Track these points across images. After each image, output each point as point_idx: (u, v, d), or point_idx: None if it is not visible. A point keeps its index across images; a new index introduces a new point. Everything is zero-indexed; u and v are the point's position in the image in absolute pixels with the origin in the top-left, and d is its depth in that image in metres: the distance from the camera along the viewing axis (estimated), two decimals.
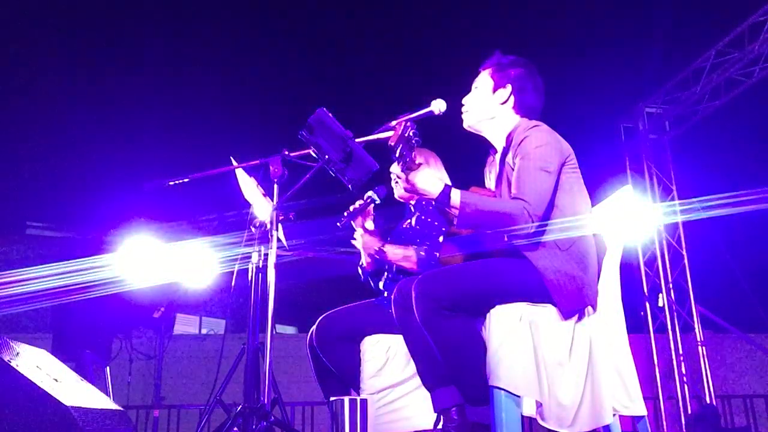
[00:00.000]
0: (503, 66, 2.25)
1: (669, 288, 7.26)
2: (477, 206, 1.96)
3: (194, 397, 6.55)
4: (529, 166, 2.00)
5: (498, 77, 2.24)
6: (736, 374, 7.54)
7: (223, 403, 2.72)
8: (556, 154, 2.05)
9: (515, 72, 2.23)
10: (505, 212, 1.95)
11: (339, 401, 1.98)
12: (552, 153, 2.04)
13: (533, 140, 2.05)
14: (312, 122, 2.19)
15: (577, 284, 1.99)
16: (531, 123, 2.13)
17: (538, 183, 1.99)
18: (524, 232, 1.96)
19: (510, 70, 2.23)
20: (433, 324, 1.94)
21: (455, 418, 2.06)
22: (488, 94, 2.24)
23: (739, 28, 6.25)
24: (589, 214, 2.13)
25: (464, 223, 1.99)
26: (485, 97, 2.25)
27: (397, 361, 2.54)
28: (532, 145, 2.03)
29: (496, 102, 2.23)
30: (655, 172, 7.58)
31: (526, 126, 2.12)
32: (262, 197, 2.48)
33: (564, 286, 1.97)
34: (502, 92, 2.22)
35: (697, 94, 6.90)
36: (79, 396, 2.01)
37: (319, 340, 2.66)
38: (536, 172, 1.99)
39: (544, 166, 2.00)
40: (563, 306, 1.97)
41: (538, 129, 2.08)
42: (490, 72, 2.26)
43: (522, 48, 2.33)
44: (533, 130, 2.08)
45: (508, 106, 2.22)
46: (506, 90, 2.22)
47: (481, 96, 2.26)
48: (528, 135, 2.06)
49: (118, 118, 7.55)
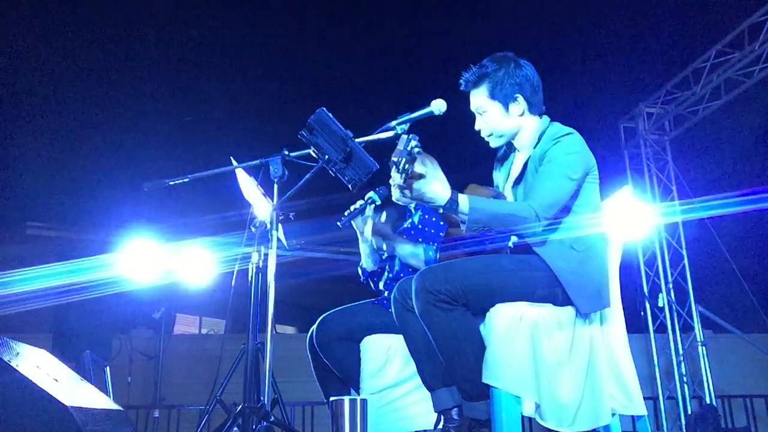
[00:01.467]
0: (496, 81, 2.17)
1: (669, 288, 7.26)
2: (486, 211, 1.96)
3: (194, 397, 6.54)
4: (554, 170, 2.03)
5: (502, 96, 2.17)
6: (736, 374, 7.54)
7: (223, 403, 2.71)
8: (584, 164, 2.09)
9: (510, 79, 2.17)
10: (513, 214, 1.96)
11: (339, 401, 1.98)
12: (579, 162, 2.07)
13: (564, 146, 2.06)
14: (312, 122, 2.19)
15: (595, 286, 2.02)
16: (565, 129, 2.13)
17: (557, 187, 2.01)
18: (531, 233, 1.97)
19: (505, 81, 2.17)
20: (432, 317, 1.95)
21: (455, 418, 2.06)
22: (503, 116, 2.19)
23: (739, 28, 6.25)
24: (600, 218, 2.15)
25: (472, 228, 1.97)
26: (502, 119, 2.20)
27: (397, 361, 2.54)
28: (563, 151, 2.05)
29: (515, 117, 2.20)
30: (655, 172, 7.58)
31: (559, 131, 2.12)
32: (262, 197, 2.48)
33: (583, 287, 1.99)
34: (514, 106, 2.18)
35: (697, 94, 6.91)
36: (79, 396, 2.02)
37: (319, 340, 2.66)
38: (560, 177, 2.02)
39: (569, 174, 2.03)
40: (583, 307, 1.98)
41: (571, 137, 2.10)
42: (488, 93, 2.19)
43: (522, 48, 2.32)
44: (567, 137, 2.09)
45: (525, 112, 2.20)
46: (518, 103, 2.18)
47: (497, 120, 2.20)
48: (560, 141, 2.08)
49: (119, 118, 7.55)
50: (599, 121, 7.87)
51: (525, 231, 1.97)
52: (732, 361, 7.60)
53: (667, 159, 7.56)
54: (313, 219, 4.78)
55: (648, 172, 7.58)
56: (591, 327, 2.04)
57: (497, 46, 2.30)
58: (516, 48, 2.29)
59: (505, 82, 2.17)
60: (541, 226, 1.96)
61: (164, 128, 7.64)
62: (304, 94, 7.66)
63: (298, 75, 7.93)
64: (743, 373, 7.57)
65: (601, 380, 1.97)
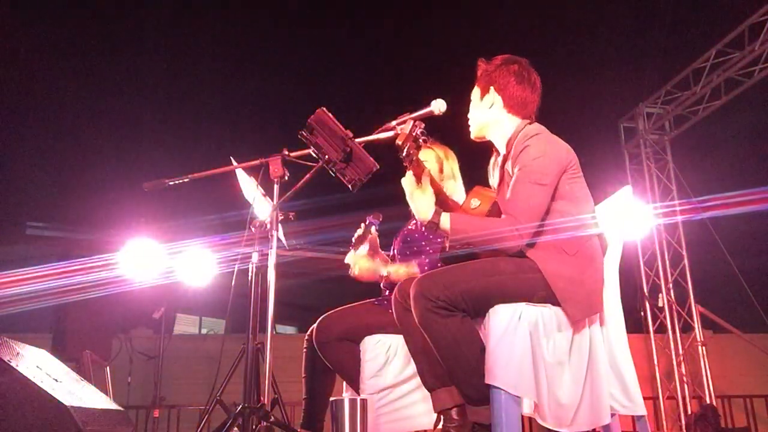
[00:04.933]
0: (487, 72, 2.26)
1: (669, 288, 7.27)
2: (467, 231, 2.02)
3: (194, 397, 6.54)
4: (525, 178, 2.02)
5: (483, 84, 2.26)
6: (736, 374, 7.54)
7: (223, 403, 2.71)
8: (555, 165, 2.05)
9: (496, 72, 2.23)
10: (494, 233, 1.98)
11: (339, 401, 1.98)
12: (549, 164, 2.04)
13: (532, 151, 2.04)
14: (312, 122, 2.18)
15: (586, 291, 2.01)
16: (531, 131, 2.11)
17: (530, 197, 2.00)
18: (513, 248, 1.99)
19: (492, 73, 2.24)
20: (430, 323, 1.94)
21: (455, 418, 2.06)
22: (477, 104, 2.28)
23: (739, 28, 6.26)
24: (592, 218, 2.13)
25: (455, 246, 2.06)
26: (476, 107, 2.29)
27: (397, 361, 2.54)
28: (530, 157, 2.04)
29: (485, 108, 2.25)
30: (655, 172, 7.58)
31: (527, 133, 2.11)
32: (262, 197, 2.48)
33: (574, 293, 1.98)
34: (488, 97, 2.24)
35: (697, 94, 6.91)
36: (79, 396, 2.01)
37: (318, 340, 2.66)
38: (531, 186, 2.00)
39: (539, 179, 2.01)
40: (572, 313, 1.98)
41: (537, 138, 2.07)
42: (478, 82, 2.29)
43: (523, 48, 2.33)
44: (533, 139, 2.07)
45: (497, 107, 2.22)
46: (491, 94, 2.23)
47: (473, 107, 2.31)
48: (527, 145, 2.06)
49: (119, 118, 7.55)
50: (599, 121, 7.87)
51: (508, 246, 1.98)
52: (732, 361, 7.60)
53: (667, 159, 7.57)
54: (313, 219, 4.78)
55: (648, 172, 7.58)
56: (591, 327, 2.03)
57: (497, 46, 2.31)
58: (516, 48, 2.29)
59: (487, 75, 2.25)
60: (522, 239, 1.98)
61: (164, 128, 7.64)
62: (304, 94, 7.66)
63: (298, 75, 7.93)
64: (743, 373, 7.57)
65: (601, 380, 1.97)
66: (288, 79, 7.84)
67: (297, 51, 7.80)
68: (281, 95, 7.86)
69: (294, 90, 7.77)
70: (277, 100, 7.87)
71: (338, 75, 8.01)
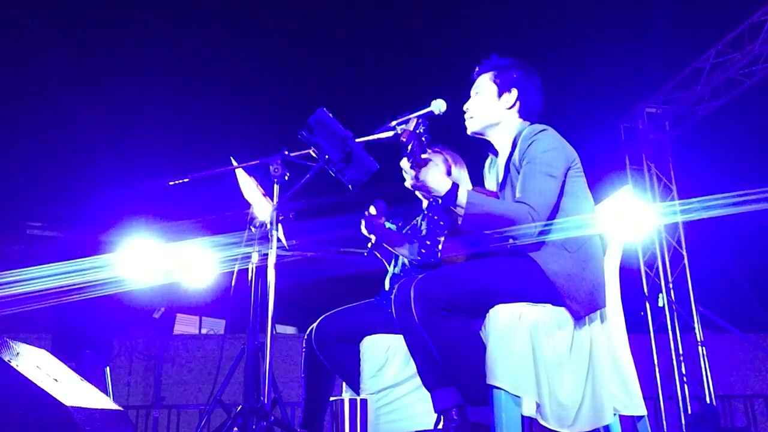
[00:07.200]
0: (504, 69, 2.23)
1: (669, 288, 7.26)
2: (483, 207, 1.97)
3: (194, 397, 6.55)
4: (535, 170, 2.01)
5: (502, 81, 2.22)
6: (736, 374, 7.54)
7: (223, 403, 2.71)
8: (563, 158, 2.07)
9: (518, 74, 2.22)
10: (510, 215, 1.96)
11: (339, 401, 1.98)
12: (558, 157, 2.05)
13: (540, 144, 2.05)
14: (312, 122, 2.18)
15: (588, 288, 2.01)
16: (538, 127, 2.11)
17: (543, 187, 2.00)
18: (527, 235, 1.97)
19: (513, 73, 2.22)
20: (431, 324, 1.94)
21: (455, 418, 2.06)
22: (493, 100, 2.23)
23: (739, 28, 6.25)
24: (593, 216, 2.14)
25: (469, 223, 1.99)
26: (490, 102, 2.23)
27: (397, 361, 2.54)
28: (539, 150, 2.04)
29: (502, 107, 2.22)
30: (655, 172, 7.58)
31: (533, 130, 2.11)
32: (262, 197, 2.48)
33: (576, 290, 1.98)
34: (507, 97, 2.22)
35: (697, 94, 6.91)
36: (79, 396, 2.01)
37: (318, 340, 2.66)
38: (542, 176, 2.00)
39: (550, 171, 2.02)
40: (575, 310, 1.98)
41: (545, 133, 2.08)
42: (492, 76, 2.24)
43: (523, 48, 2.34)
44: (541, 134, 2.08)
45: (514, 110, 2.22)
46: (512, 95, 2.21)
47: (485, 101, 2.24)
48: (535, 139, 2.06)
49: (119, 117, 7.54)
50: (599, 121, 7.87)
51: (521, 232, 1.96)
52: (732, 361, 7.60)
53: (667, 159, 7.56)
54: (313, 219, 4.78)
55: (648, 172, 7.57)
56: (591, 327, 2.03)
57: (498, 46, 2.31)
58: (516, 48, 2.30)
59: (511, 74, 2.22)
60: (537, 227, 1.96)
61: (164, 128, 7.64)
62: (304, 94, 7.66)
63: (298, 75, 7.92)
64: (743, 373, 7.57)
65: (602, 380, 1.97)
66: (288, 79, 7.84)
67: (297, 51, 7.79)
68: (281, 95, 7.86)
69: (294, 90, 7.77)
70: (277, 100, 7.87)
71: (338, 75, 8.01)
